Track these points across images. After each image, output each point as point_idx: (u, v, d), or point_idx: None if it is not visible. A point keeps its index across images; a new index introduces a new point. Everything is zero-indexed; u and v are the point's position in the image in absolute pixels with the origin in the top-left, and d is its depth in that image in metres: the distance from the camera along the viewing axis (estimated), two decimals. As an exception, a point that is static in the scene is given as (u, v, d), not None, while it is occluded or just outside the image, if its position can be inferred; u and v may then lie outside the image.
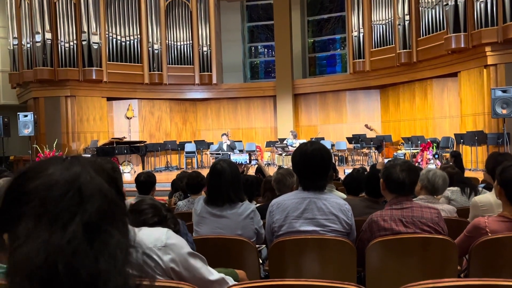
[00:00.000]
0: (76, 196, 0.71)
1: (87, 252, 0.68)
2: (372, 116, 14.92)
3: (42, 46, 13.16)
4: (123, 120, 14.90)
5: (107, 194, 0.74)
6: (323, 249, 2.47)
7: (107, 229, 0.72)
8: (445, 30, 11.37)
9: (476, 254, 2.35)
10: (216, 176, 2.89)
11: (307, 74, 17.18)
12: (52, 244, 0.67)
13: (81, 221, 0.69)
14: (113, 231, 0.72)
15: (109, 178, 0.78)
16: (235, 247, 2.64)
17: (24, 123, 12.48)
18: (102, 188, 0.74)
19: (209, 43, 15.54)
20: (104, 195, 0.74)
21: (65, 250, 0.67)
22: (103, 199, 0.73)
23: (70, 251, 0.67)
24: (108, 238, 0.71)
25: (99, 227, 0.71)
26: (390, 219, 2.49)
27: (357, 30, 14.15)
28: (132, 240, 0.76)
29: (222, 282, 1.84)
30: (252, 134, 16.14)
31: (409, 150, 11.70)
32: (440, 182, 3.36)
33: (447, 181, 3.47)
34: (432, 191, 3.36)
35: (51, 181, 0.73)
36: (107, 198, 0.74)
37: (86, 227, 0.70)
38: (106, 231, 0.71)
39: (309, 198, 2.54)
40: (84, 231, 0.69)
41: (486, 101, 10.56)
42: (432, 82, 12.70)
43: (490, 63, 10.55)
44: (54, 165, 0.76)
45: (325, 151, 2.58)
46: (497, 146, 10.19)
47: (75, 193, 0.72)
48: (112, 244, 0.71)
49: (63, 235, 0.68)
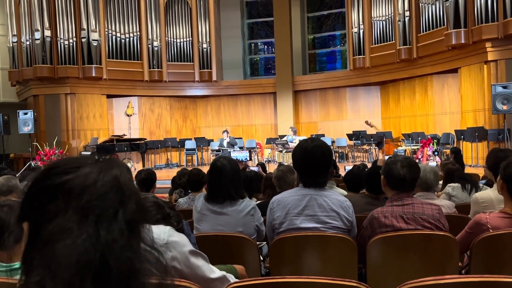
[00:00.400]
0: (118, 195, 0.76)
1: (130, 249, 0.73)
2: (372, 113, 14.90)
3: (41, 44, 13.14)
4: (123, 118, 14.88)
5: (139, 196, 0.80)
6: (324, 246, 2.46)
7: (142, 227, 0.78)
8: (445, 26, 11.34)
9: (477, 250, 2.34)
10: (216, 173, 2.88)
11: (307, 71, 17.16)
12: (101, 239, 0.71)
13: (124, 218, 0.74)
14: (143, 231, 0.78)
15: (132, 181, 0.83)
16: (235, 244, 2.63)
17: (24, 121, 12.47)
18: (136, 189, 0.80)
19: (209, 40, 15.51)
20: (138, 197, 0.80)
21: (113, 246, 0.72)
22: (138, 199, 0.79)
23: (118, 246, 0.72)
24: (141, 238, 0.77)
25: (137, 226, 0.77)
26: (391, 216, 2.48)
27: (357, 26, 14.11)
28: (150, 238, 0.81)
29: (224, 280, 1.83)
30: (252, 131, 16.14)
31: (409, 147, 11.69)
32: (432, 176, 3.36)
33: (438, 175, 3.47)
34: (426, 187, 3.36)
35: (90, 180, 0.76)
36: (139, 199, 0.80)
37: (128, 224, 0.75)
38: (141, 228, 0.78)
39: (309, 195, 2.53)
40: (127, 229, 0.74)
41: (487, 97, 10.55)
42: (432, 78, 12.68)
43: (491, 59, 10.53)
44: (89, 166, 0.79)
45: (326, 148, 2.57)
46: (497, 142, 10.18)
47: (117, 192, 0.76)
48: (143, 243, 0.77)
49: (110, 232, 0.72)
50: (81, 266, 0.69)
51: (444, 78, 12.48)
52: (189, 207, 4.02)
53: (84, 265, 0.69)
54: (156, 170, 11.96)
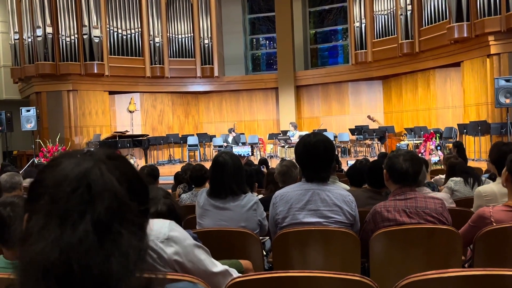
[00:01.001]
0: (85, 193, 0.70)
1: (99, 251, 0.67)
2: (375, 107, 14.87)
3: (43, 41, 13.14)
4: (125, 114, 14.90)
5: (118, 193, 0.72)
6: (326, 241, 2.46)
7: (117, 229, 0.70)
8: (447, 20, 11.28)
9: (480, 244, 2.34)
10: (218, 169, 2.88)
11: (309, 66, 17.12)
12: (64, 242, 0.67)
13: (92, 219, 0.68)
14: (123, 231, 0.70)
15: (123, 177, 0.74)
16: (238, 239, 2.64)
17: (27, 118, 12.50)
18: (112, 187, 0.72)
19: (210, 35, 15.49)
20: (114, 194, 0.71)
21: (78, 248, 0.67)
22: (112, 198, 0.71)
23: (83, 249, 0.67)
24: (119, 238, 0.70)
25: (109, 226, 0.69)
26: (394, 210, 2.48)
27: (359, 20, 14.06)
28: (146, 243, 0.75)
29: (226, 273, 1.83)
30: (255, 127, 16.13)
31: (412, 141, 11.67)
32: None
33: (427, 166, 3.49)
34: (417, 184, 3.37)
35: (60, 177, 0.71)
36: (117, 197, 0.71)
37: (96, 225, 0.68)
38: (116, 231, 0.70)
39: (312, 190, 2.53)
40: (95, 230, 0.68)
41: (490, 91, 10.51)
42: (434, 72, 12.64)
43: (493, 53, 10.48)
44: (68, 159, 0.74)
45: (328, 143, 2.57)
46: (500, 136, 10.15)
47: (84, 190, 0.70)
48: (124, 244, 0.70)
49: (74, 233, 0.67)
50: (44, 272, 0.66)
51: (447, 72, 12.43)
52: (192, 202, 4.03)
53: (47, 271, 0.66)
54: (159, 166, 11.98)
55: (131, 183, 0.76)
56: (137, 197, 0.76)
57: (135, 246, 0.71)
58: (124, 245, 0.70)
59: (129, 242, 0.70)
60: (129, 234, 0.71)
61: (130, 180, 0.76)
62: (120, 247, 0.69)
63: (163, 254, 1.70)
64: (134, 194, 0.75)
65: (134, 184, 0.76)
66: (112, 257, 0.68)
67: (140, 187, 0.78)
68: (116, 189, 0.72)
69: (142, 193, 0.79)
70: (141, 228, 0.75)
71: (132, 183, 0.76)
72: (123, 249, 0.69)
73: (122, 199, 0.72)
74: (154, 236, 1.70)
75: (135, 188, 0.76)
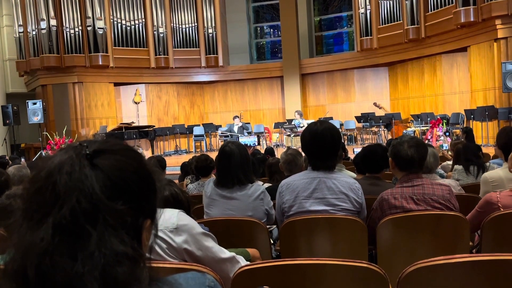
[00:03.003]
0: (51, 193, 0.65)
1: (61, 253, 0.63)
2: (381, 94, 14.79)
3: (47, 33, 13.15)
4: (131, 105, 14.92)
5: (91, 193, 0.66)
6: (333, 228, 2.47)
7: (87, 231, 0.65)
8: (454, 4, 11.15)
9: (488, 229, 2.34)
10: (225, 158, 2.89)
11: (314, 54, 17.01)
12: (25, 244, 0.64)
13: (54, 220, 0.64)
14: (94, 233, 0.65)
15: (115, 172, 0.69)
16: (246, 228, 2.65)
17: (33, 111, 12.56)
18: (84, 186, 0.66)
19: (214, 24, 15.41)
20: (85, 194, 0.66)
21: (36, 250, 0.63)
22: (82, 198, 0.65)
23: (41, 251, 0.63)
24: (86, 241, 0.64)
25: (75, 228, 0.64)
26: (401, 197, 2.48)
27: (363, 7, 13.92)
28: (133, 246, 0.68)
29: (234, 260, 1.86)
30: (260, 116, 16.10)
31: (418, 128, 11.61)
32: (431, 160, 3.34)
33: (437, 157, 3.47)
34: (427, 171, 3.35)
35: (36, 174, 0.68)
36: (89, 197, 0.66)
37: (59, 227, 0.64)
38: (86, 233, 0.65)
39: (318, 178, 2.53)
40: (56, 232, 0.64)
41: (497, 76, 10.40)
42: (441, 58, 12.52)
43: (501, 37, 10.36)
44: (58, 153, 0.71)
45: (335, 131, 2.57)
46: (508, 121, 10.07)
47: (48, 190, 0.66)
48: (90, 247, 0.64)
49: (35, 235, 0.64)
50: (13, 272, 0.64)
51: (453, 57, 12.31)
52: (199, 192, 4.05)
53: (13, 274, 0.64)
54: (166, 156, 12.01)
55: (126, 180, 0.70)
56: (132, 195, 0.70)
57: (108, 248, 0.65)
58: (90, 248, 0.64)
59: (99, 244, 0.64)
60: (102, 236, 0.65)
61: (126, 177, 0.70)
62: (86, 250, 0.64)
63: (173, 244, 1.73)
64: (127, 192, 0.69)
65: (130, 181, 0.70)
66: (76, 260, 0.64)
67: (141, 184, 0.73)
68: (89, 188, 0.66)
69: (144, 190, 0.73)
70: (128, 228, 0.68)
71: (128, 180, 0.70)
72: (87, 252, 0.64)
73: (97, 200, 0.66)
74: (164, 226, 1.72)
75: (131, 185, 0.70)
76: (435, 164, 3.42)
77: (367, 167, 3.42)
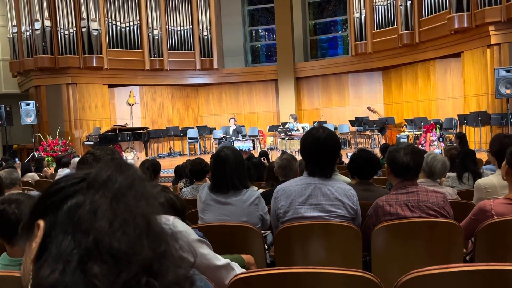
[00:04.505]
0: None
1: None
2: (375, 98, 14.85)
3: (41, 34, 13.08)
4: (125, 107, 14.87)
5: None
6: (328, 235, 2.47)
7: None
8: (448, 10, 11.22)
9: (482, 237, 2.35)
10: (220, 164, 2.88)
11: (309, 57, 17.06)
12: None
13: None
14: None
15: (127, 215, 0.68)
16: (240, 233, 2.64)
17: (26, 112, 12.49)
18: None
19: (210, 27, 15.41)
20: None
21: None
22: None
23: None
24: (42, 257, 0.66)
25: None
26: (396, 204, 2.48)
27: (358, 11, 13.99)
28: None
29: (229, 267, 1.86)
30: (255, 119, 16.11)
31: (412, 132, 11.67)
32: (439, 166, 3.35)
33: (446, 166, 3.45)
34: (429, 174, 3.37)
35: None
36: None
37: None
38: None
39: (314, 184, 2.53)
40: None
41: (490, 81, 10.48)
42: (435, 63, 12.60)
43: (494, 43, 10.44)
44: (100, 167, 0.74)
45: (336, 139, 2.59)
46: (500, 126, 10.15)
47: None
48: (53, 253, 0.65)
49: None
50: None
51: (447, 63, 12.40)
52: (193, 196, 4.04)
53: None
54: (159, 159, 11.99)
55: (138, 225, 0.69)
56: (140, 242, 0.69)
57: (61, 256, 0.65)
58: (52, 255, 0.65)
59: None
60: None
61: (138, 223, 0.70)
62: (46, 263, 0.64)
63: None
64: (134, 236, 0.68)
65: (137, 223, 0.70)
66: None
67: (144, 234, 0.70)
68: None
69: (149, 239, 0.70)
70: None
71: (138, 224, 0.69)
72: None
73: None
74: None
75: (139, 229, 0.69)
76: (442, 172, 3.43)
77: (356, 173, 3.41)
